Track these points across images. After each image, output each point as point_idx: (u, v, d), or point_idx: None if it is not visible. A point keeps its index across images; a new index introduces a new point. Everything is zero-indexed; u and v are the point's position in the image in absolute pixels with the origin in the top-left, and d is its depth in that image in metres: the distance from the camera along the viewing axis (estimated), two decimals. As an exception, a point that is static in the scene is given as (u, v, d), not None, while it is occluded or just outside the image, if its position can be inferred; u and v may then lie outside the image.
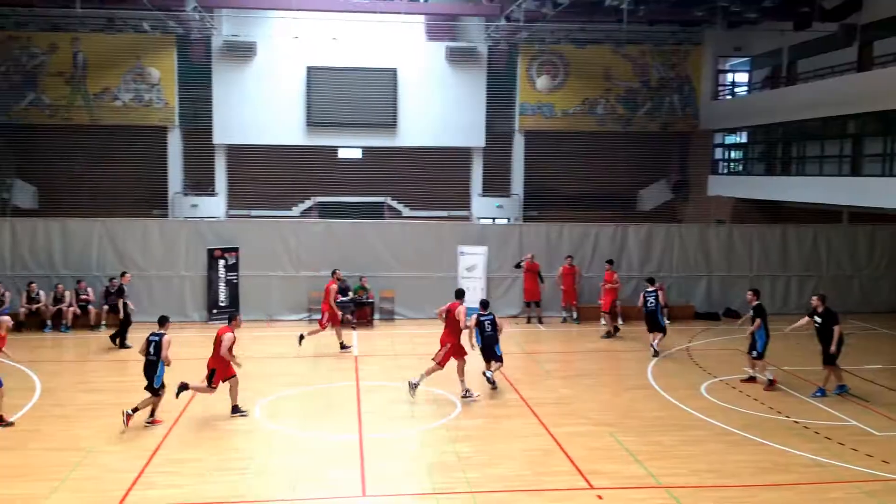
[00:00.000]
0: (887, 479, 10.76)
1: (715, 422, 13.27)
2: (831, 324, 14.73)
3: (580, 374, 16.70)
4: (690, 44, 35.69)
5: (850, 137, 26.60)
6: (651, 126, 35.87)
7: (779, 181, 30.13)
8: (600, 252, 23.09)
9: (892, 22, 26.18)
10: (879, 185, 24.03)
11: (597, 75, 35.19)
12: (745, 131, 33.98)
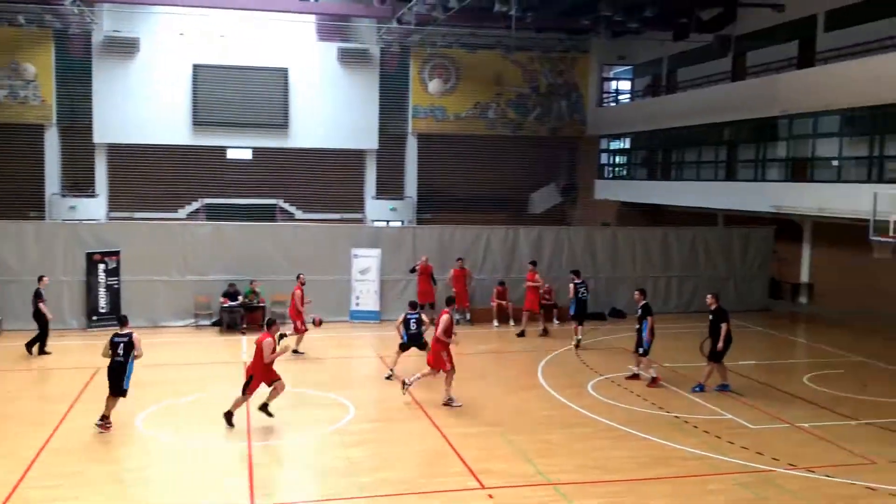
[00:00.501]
0: (761, 471, 11.33)
1: (601, 418, 13.67)
2: (720, 321, 15.39)
3: (473, 376, 16.83)
4: (577, 52, 36.78)
5: (725, 144, 28.00)
6: (541, 131, 36.73)
7: (660, 186, 31.42)
8: (492, 254, 23.44)
9: (764, 34, 27.73)
10: (752, 189, 25.41)
11: (488, 80, 35.77)
12: (628, 137, 35.25)
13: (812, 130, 23.13)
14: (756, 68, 27.53)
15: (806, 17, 25.84)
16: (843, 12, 24.31)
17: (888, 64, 20.20)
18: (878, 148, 20.72)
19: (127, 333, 12.73)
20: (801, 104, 23.08)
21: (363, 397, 14.98)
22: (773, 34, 27.13)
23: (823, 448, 12.33)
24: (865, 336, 21.49)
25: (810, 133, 23.25)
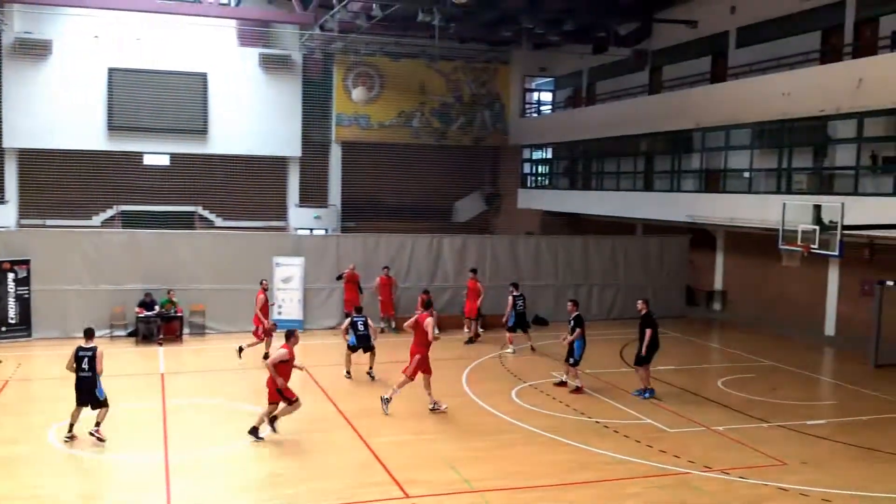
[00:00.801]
0: (678, 473, 11.64)
1: (525, 425, 13.81)
2: (646, 327, 15.78)
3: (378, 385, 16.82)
4: (499, 62, 37.22)
5: (642, 155, 28.74)
6: (464, 140, 37.00)
7: (581, 195, 32.01)
8: (416, 263, 23.47)
9: (678, 49, 28.61)
10: (668, 199, 26.13)
11: (412, 89, 35.85)
12: (550, 147, 35.82)
13: (724, 143, 23.94)
14: (672, 82, 28.37)
15: (718, 34, 26.78)
16: (753, 29, 25.30)
17: (795, 79, 21.09)
18: (786, 160, 21.59)
19: (91, 347, 12.53)
20: (713, 118, 23.87)
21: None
22: (688, 49, 28.03)
23: (737, 450, 12.73)
24: (775, 341, 22.34)
25: (723, 146, 24.06)
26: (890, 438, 13.51)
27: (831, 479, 11.49)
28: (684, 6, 28.08)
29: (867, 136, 19.26)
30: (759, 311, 25.39)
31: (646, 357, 15.84)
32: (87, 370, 12.38)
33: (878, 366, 19.03)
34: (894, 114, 18.12)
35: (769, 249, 19.77)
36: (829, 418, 14.83)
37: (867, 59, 19.48)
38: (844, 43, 21.82)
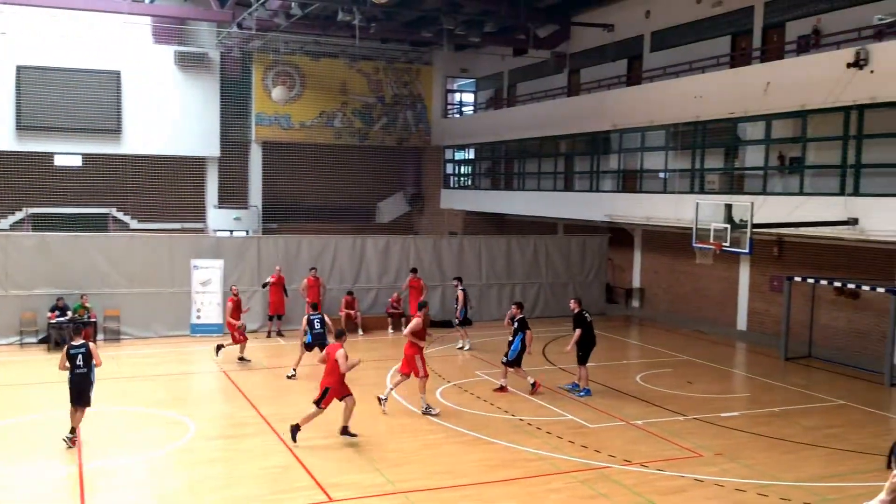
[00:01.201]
0: (599, 468, 11.87)
1: (449, 425, 13.87)
2: (576, 326, 16.11)
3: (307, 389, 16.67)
4: (421, 63, 37.28)
5: (562, 156, 29.22)
6: (387, 140, 36.93)
7: (503, 195, 32.35)
8: (340, 264, 23.31)
9: (596, 52, 29.20)
10: (588, 199, 26.65)
11: (333, 88, 35.61)
12: (472, 148, 36.07)
13: (640, 144, 24.55)
14: (590, 84, 28.92)
15: (634, 37, 27.45)
16: (666, 34, 26.02)
17: (706, 83, 21.78)
18: (699, 161, 22.27)
19: (82, 343, 12.48)
20: (629, 119, 24.45)
21: (205, 414, 14.45)
22: (605, 52, 28.63)
23: (655, 443, 13.07)
24: (690, 337, 23.03)
25: (639, 147, 24.67)
26: (798, 429, 14.08)
27: (744, 469, 11.90)
28: (601, 10, 28.68)
29: (775, 138, 20.05)
30: (675, 307, 26.13)
31: (583, 357, 16.12)
32: (81, 366, 12.32)
33: (787, 359, 19.82)
34: (800, 116, 18.88)
35: (684, 247, 20.38)
36: (741, 410, 15.35)
37: (774, 63, 20.26)
38: (753, 47, 22.65)
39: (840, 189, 17.74)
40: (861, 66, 16.84)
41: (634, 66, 27.59)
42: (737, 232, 16.53)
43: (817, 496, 10.82)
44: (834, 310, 20.40)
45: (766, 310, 22.67)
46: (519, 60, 33.34)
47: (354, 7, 25.25)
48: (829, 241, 19.24)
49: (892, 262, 18.86)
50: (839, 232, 17.54)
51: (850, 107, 17.37)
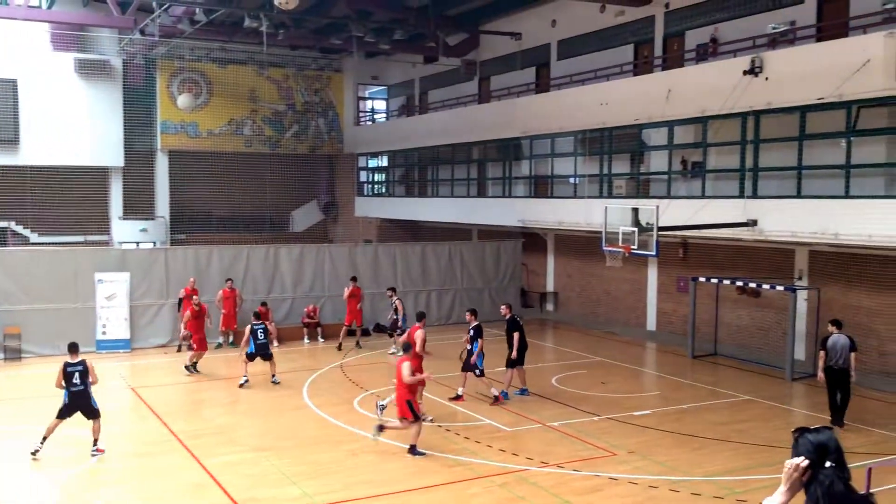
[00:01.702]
0: (517, 471, 12.01)
1: (368, 434, 13.76)
2: (513, 330, 16.28)
3: (237, 401, 16.36)
4: (332, 70, 37.06)
5: (475, 163, 29.50)
6: (299, 148, 36.55)
7: (417, 202, 32.44)
8: (252, 274, 22.90)
9: (505, 60, 29.63)
10: (501, 205, 26.98)
11: (242, 96, 35.02)
12: (385, 155, 36.04)
13: (550, 150, 25.01)
14: (500, 92, 29.32)
15: (541, 46, 27.98)
16: (572, 42, 26.62)
17: (611, 90, 22.36)
18: (607, 166, 22.84)
19: (80, 361, 12.63)
20: (539, 126, 24.89)
21: (114, 432, 13.93)
22: (514, 60, 29.07)
23: (571, 444, 13.30)
24: (603, 338, 23.56)
25: (549, 153, 25.13)
26: (706, 424, 14.57)
27: (656, 466, 12.24)
28: (509, 19, 29.11)
29: (677, 143, 20.74)
30: (588, 309, 26.68)
31: (518, 359, 16.35)
32: (79, 384, 12.43)
33: (695, 357, 20.49)
34: (700, 122, 19.59)
35: (595, 251, 20.82)
36: (652, 408, 15.78)
37: (675, 71, 20.99)
38: (655, 56, 23.39)
39: (740, 192, 18.49)
40: (756, 73, 17.59)
41: (542, 74, 28.11)
42: (644, 235, 17.00)
43: (726, 490, 11.21)
44: (737, 308, 21.21)
45: (673, 310, 23.40)
46: (430, 68, 33.53)
47: (261, 14, 24.92)
48: (731, 242, 20.00)
49: (790, 260, 19.74)
50: (739, 233, 18.27)
51: (747, 112, 18.12)
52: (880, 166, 16.55)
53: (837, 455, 3.48)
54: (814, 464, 3.47)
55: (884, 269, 17.53)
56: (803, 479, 3.49)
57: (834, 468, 3.44)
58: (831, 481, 3.42)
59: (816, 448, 3.50)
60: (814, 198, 16.89)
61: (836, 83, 15.81)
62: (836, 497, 3.39)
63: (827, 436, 3.54)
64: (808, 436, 3.56)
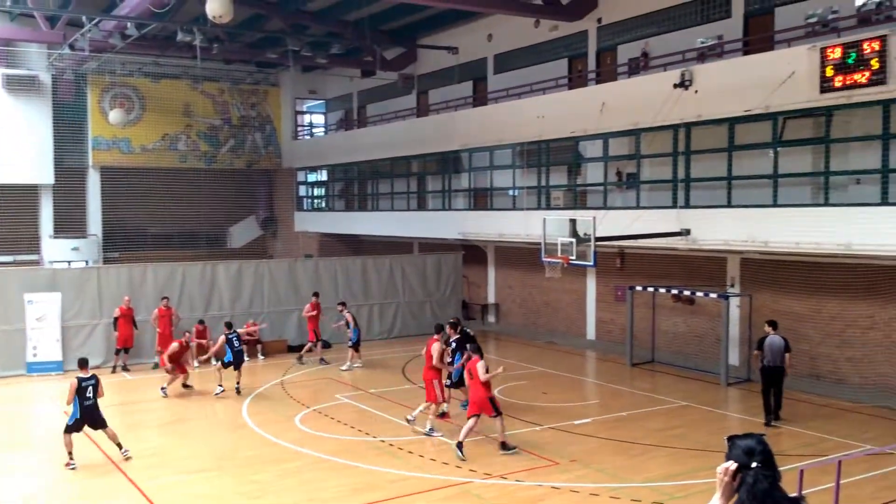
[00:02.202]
0: (461, 483, 12.01)
1: (310, 451, 13.63)
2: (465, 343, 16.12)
3: (175, 421, 16.02)
4: (268, 84, 36.76)
5: (414, 176, 29.56)
6: (236, 163, 36.12)
7: (357, 216, 32.34)
8: (189, 292, 22.49)
9: (442, 74, 29.82)
10: (441, 218, 27.07)
11: (176, 111, 34.47)
12: (325, 169, 35.85)
13: (489, 163, 25.22)
14: (438, 105, 29.47)
15: (478, 60, 28.25)
16: (508, 56, 26.95)
17: (547, 104, 22.67)
18: (545, 178, 23.12)
19: (92, 375, 13.03)
20: (477, 139, 25.08)
21: (46, 456, 13.51)
22: (451, 74, 29.28)
23: (514, 455, 13.37)
24: (544, 348, 23.78)
25: (488, 166, 25.33)
26: (645, 431, 14.81)
27: (597, 473, 12.39)
28: (445, 33, 29.33)
29: (612, 155, 21.12)
30: (529, 320, 26.90)
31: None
32: (91, 398, 12.80)
33: (633, 365, 20.83)
34: (633, 134, 20.00)
35: (535, 262, 21.04)
36: (593, 417, 15.99)
37: (609, 85, 21.41)
38: (589, 70, 23.82)
39: (673, 202, 18.91)
40: (686, 86, 18.07)
41: (480, 88, 28.37)
42: (582, 245, 17.26)
43: (665, 495, 11.41)
44: (673, 316, 21.65)
45: (612, 319, 23.76)
46: (368, 82, 33.53)
47: (195, 28, 24.60)
48: (666, 252, 20.43)
49: (723, 268, 20.25)
50: (674, 242, 18.68)
51: (678, 125, 18.58)
52: (806, 175, 17.12)
53: (764, 456, 3.60)
54: (743, 466, 3.58)
55: (811, 275, 18.11)
56: (734, 482, 3.59)
57: (759, 468, 3.56)
58: (755, 480, 3.53)
59: (745, 452, 3.62)
60: (744, 207, 17.38)
61: (762, 95, 16.34)
62: (759, 495, 3.50)
63: (755, 439, 3.67)
64: (738, 441, 3.68)
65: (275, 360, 21.61)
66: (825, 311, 18.01)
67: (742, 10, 19.70)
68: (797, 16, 17.91)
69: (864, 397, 16.76)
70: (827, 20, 17.22)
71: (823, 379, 18.07)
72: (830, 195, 15.98)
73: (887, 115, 14.72)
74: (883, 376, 16.85)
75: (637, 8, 22.30)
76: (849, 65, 14.93)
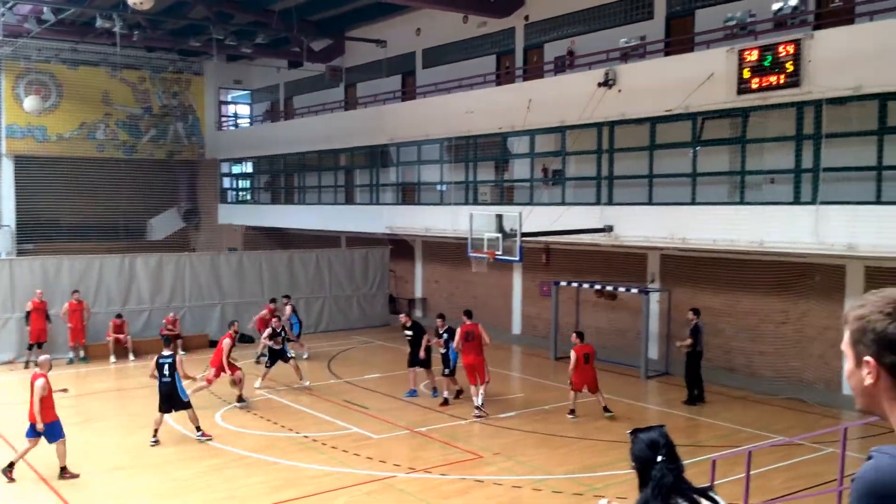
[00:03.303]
0: (384, 478, 12.00)
1: (231, 448, 13.42)
2: (421, 334, 16.85)
3: (90, 419, 15.54)
4: (191, 73, 35.90)
5: (342, 169, 29.32)
6: (157, 153, 35.19)
7: (284, 209, 31.89)
8: (106, 285, 21.86)
9: (371, 67, 29.65)
10: (369, 212, 26.93)
11: (94, 99, 33.37)
12: (250, 161, 35.23)
13: (417, 157, 25.18)
14: (366, 98, 29.27)
15: (406, 54, 28.16)
16: (436, 51, 26.95)
17: (475, 99, 22.75)
18: (472, 174, 23.22)
19: (170, 354, 13.65)
20: (406, 133, 25.01)
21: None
22: (379, 67, 29.12)
23: (438, 449, 13.43)
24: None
25: (416, 160, 25.30)
26: (567, 424, 15.06)
27: (520, 466, 12.55)
28: (374, 26, 29.14)
29: (539, 152, 21.36)
30: (456, 315, 26.89)
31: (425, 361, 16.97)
32: (167, 376, 13.44)
33: (557, 359, 21.13)
34: (559, 131, 20.25)
35: (462, 257, 21.13)
36: (517, 410, 16.17)
37: (535, 82, 21.61)
38: (516, 66, 24.02)
39: (596, 199, 19.23)
40: (610, 85, 18.38)
41: (409, 82, 28.29)
42: (508, 241, 17.39)
43: (585, 486, 11.62)
44: (596, 311, 22.03)
45: (537, 314, 24.03)
46: (295, 73, 33.07)
47: (114, 14, 23.85)
48: (590, 247, 20.77)
49: (644, 264, 20.70)
50: (597, 238, 19.00)
51: (603, 123, 18.88)
52: (723, 174, 17.61)
53: (667, 449, 3.69)
54: (648, 461, 3.66)
55: (728, 272, 18.67)
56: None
57: (665, 461, 3.64)
58: (662, 474, 3.61)
59: (649, 445, 3.70)
60: (664, 204, 17.79)
61: (682, 96, 16.74)
62: (665, 488, 3.59)
63: (658, 432, 3.75)
64: (641, 435, 3.76)
65: (196, 356, 21.14)
66: (740, 306, 18.60)
67: (664, 11, 20.13)
68: (717, 18, 18.40)
69: (776, 390, 17.39)
70: (745, 23, 17.77)
71: (738, 372, 18.66)
72: (746, 194, 16.48)
73: (801, 116, 15.25)
74: (794, 369, 17.50)
75: (563, 7, 22.57)
76: (765, 67, 15.41)
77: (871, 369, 2.07)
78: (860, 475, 1.95)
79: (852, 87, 14.07)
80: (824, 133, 14.67)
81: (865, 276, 15.76)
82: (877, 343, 2.05)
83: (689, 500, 3.62)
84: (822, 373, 16.56)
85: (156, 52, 33.67)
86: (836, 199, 14.51)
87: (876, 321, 2.05)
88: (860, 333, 2.09)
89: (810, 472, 11.99)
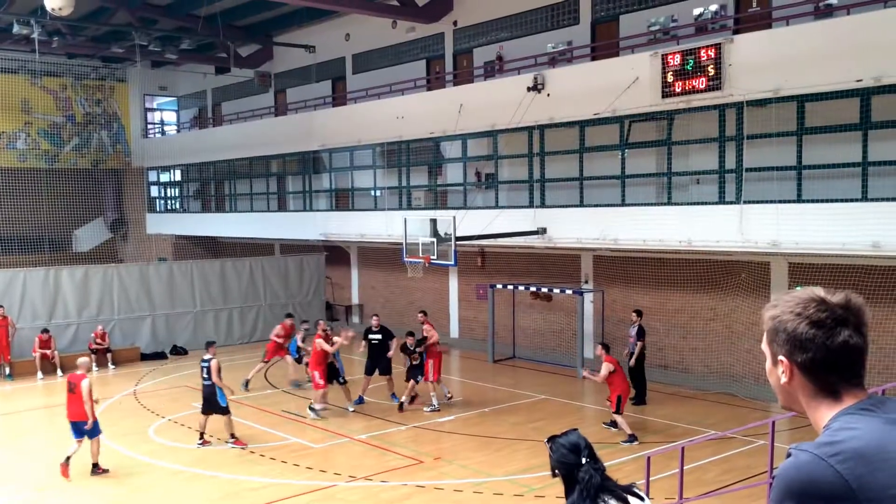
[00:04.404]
0: (325, 487, 11.91)
1: (165, 463, 13.14)
2: (388, 339, 17.01)
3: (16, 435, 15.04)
4: (115, 80, 35.01)
5: (274, 176, 28.98)
6: (81, 162, 34.20)
7: (215, 218, 31.34)
8: (31, 299, 21.16)
9: (300, 72, 29.40)
10: (302, 219, 26.67)
11: (13, 107, 32.27)
12: (178, 169, 34.52)
13: (350, 163, 25.07)
14: (296, 104, 29.00)
15: (336, 59, 28.01)
16: (366, 56, 26.88)
17: (407, 104, 22.77)
18: (405, 179, 23.24)
19: (209, 358, 13.75)
20: (338, 139, 24.85)
21: None
22: (309, 73, 28.89)
23: (379, 456, 13.39)
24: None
25: (349, 166, 25.18)
26: (506, 425, 15.19)
27: (461, 470, 12.60)
28: (302, 31, 28.89)
29: (471, 156, 21.50)
30: (393, 320, 26.81)
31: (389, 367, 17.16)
32: (206, 378, 13.68)
33: (495, 361, 21.31)
34: (490, 135, 20.42)
35: (397, 262, 21.12)
36: (456, 413, 16.23)
37: (466, 87, 21.75)
38: (446, 71, 24.13)
39: (529, 202, 19.45)
40: (539, 89, 18.62)
41: (339, 88, 28.14)
42: (443, 245, 17.46)
43: (525, 487, 11.74)
44: (532, 313, 22.28)
45: (474, 317, 24.17)
46: (222, 79, 32.57)
47: (32, 20, 23.12)
48: (524, 250, 21.00)
49: (577, 265, 21.03)
50: (531, 241, 19.22)
51: (533, 126, 19.12)
52: (651, 176, 18.02)
53: (589, 450, 3.77)
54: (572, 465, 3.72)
55: (658, 271, 19.11)
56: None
57: (589, 462, 3.71)
58: (589, 475, 3.68)
59: (571, 449, 3.75)
60: (595, 206, 18.11)
61: (609, 99, 17.07)
62: (594, 488, 3.66)
63: (576, 436, 3.83)
64: (560, 440, 3.81)
65: (126, 369, 20.64)
66: (670, 304, 19.05)
67: (590, 17, 20.50)
68: (641, 23, 18.83)
69: (707, 385, 17.87)
70: (667, 28, 18.24)
71: (670, 368, 19.11)
72: (673, 194, 16.90)
73: (723, 118, 15.73)
74: (724, 365, 18.00)
75: (491, 12, 22.78)
76: (687, 71, 15.84)
77: (785, 368, 2.15)
78: (780, 474, 1.99)
79: (772, 89, 14.57)
80: (746, 134, 15.15)
81: (789, 272, 16.32)
82: (789, 342, 2.12)
83: (618, 497, 3.70)
84: (751, 367, 17.07)
85: (77, 58, 32.73)
86: (759, 198, 14.99)
87: (787, 321, 2.12)
88: (774, 333, 2.17)
89: (742, 464, 12.37)
